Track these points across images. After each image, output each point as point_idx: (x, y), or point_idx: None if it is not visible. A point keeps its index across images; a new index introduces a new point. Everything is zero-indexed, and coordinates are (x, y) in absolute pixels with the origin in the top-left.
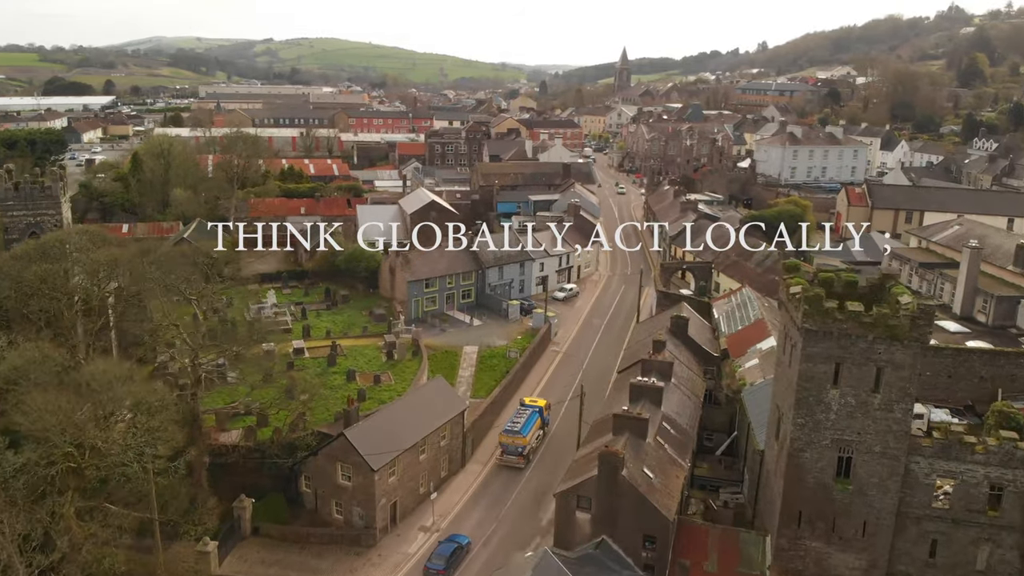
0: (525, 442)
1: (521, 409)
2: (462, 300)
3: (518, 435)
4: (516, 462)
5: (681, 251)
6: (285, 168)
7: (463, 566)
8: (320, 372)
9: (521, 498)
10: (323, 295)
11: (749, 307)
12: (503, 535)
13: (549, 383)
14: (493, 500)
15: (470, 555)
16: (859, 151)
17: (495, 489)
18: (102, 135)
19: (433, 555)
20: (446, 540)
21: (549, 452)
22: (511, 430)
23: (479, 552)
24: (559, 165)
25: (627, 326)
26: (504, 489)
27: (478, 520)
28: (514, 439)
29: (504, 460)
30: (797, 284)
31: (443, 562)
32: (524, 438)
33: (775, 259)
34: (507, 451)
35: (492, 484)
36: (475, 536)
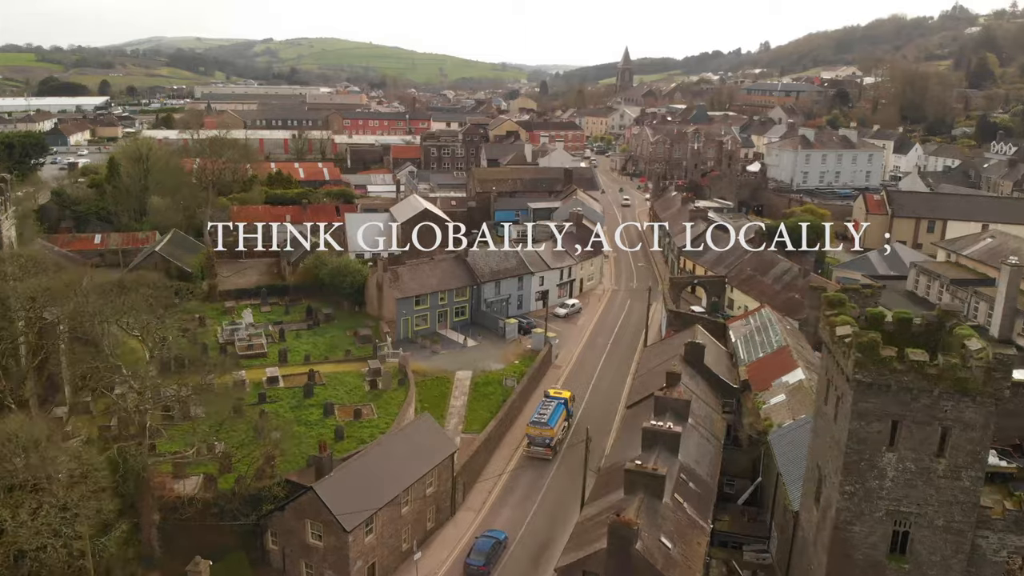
0: (552, 433)
1: (546, 401)
2: (455, 318)
3: (545, 427)
4: (544, 454)
5: (691, 263)
6: (273, 172)
7: (503, 563)
8: (295, 405)
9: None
10: (305, 313)
11: (770, 331)
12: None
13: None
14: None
15: (508, 550)
16: (874, 155)
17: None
18: (90, 137)
19: (472, 551)
20: (483, 535)
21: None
22: (538, 422)
23: (516, 547)
24: (560, 170)
25: (634, 345)
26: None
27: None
28: (541, 431)
29: (531, 452)
30: (844, 323)
31: (483, 558)
32: (551, 429)
33: (794, 275)
34: (534, 443)
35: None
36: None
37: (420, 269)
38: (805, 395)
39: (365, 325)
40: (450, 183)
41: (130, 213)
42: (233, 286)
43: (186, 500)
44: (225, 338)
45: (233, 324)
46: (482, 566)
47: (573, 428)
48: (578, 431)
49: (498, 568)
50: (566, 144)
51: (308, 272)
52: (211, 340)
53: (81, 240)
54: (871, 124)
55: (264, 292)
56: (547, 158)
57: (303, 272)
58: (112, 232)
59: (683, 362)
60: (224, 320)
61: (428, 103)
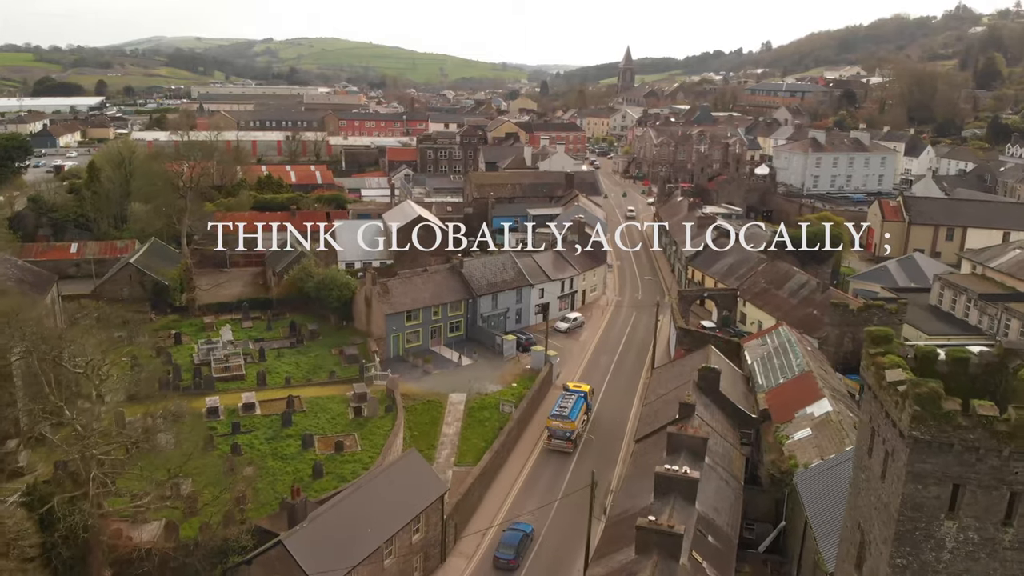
0: (573, 427)
1: (567, 394)
2: (450, 334)
3: (566, 420)
4: (564, 447)
5: (699, 274)
6: (263, 176)
7: (531, 556)
8: (271, 436)
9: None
10: (288, 330)
11: (790, 353)
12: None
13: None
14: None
15: (536, 543)
16: (887, 158)
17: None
18: (80, 139)
19: (500, 545)
20: (510, 528)
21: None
22: (559, 415)
23: (543, 540)
24: (561, 175)
25: (640, 363)
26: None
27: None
28: (563, 424)
29: (552, 445)
30: (893, 364)
31: (512, 551)
32: (572, 423)
33: (812, 289)
34: (555, 436)
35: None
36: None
37: (412, 282)
38: (833, 430)
39: (352, 342)
40: (447, 187)
41: (109, 220)
42: (214, 299)
43: (143, 552)
44: (200, 358)
45: (209, 343)
46: (512, 559)
47: (591, 422)
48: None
49: (527, 561)
50: (567, 146)
51: (293, 284)
52: (186, 360)
53: (57, 249)
54: (879, 125)
55: (246, 307)
56: (547, 161)
57: (288, 284)
58: (90, 240)
59: (696, 389)
60: (201, 337)
61: (427, 103)
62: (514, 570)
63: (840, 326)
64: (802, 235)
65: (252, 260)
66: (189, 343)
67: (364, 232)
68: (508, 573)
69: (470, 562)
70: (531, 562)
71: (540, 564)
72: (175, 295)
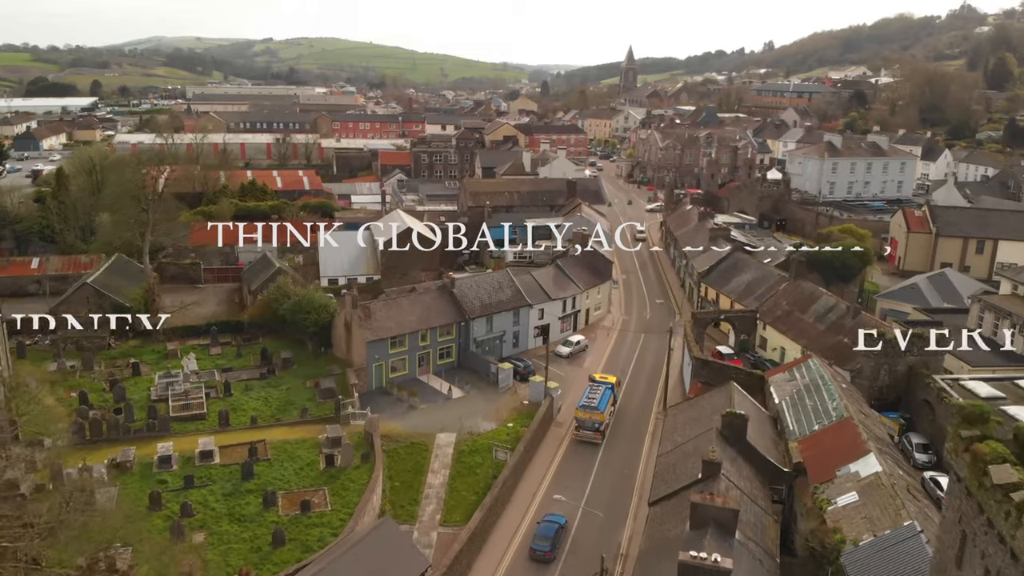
0: (603, 418)
1: (594, 385)
2: (439, 361)
3: (596, 411)
4: (593, 438)
5: (713, 292)
6: (247, 182)
7: (566, 547)
8: (230, 491)
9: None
10: (259, 358)
11: (824, 392)
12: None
13: (548, 502)
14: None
15: (570, 535)
16: (907, 163)
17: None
18: (66, 141)
19: (536, 537)
20: (544, 521)
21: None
22: (588, 405)
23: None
24: (562, 182)
25: (651, 395)
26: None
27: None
28: (591, 415)
29: (581, 435)
30: (997, 456)
31: (548, 543)
32: (601, 414)
33: (841, 314)
34: (583, 427)
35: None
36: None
37: (397, 304)
38: (885, 497)
39: (330, 372)
40: (441, 194)
41: (76, 232)
42: (181, 322)
43: None
44: (158, 393)
45: (168, 375)
46: (548, 551)
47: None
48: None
49: (562, 553)
50: (568, 150)
51: (267, 306)
52: (142, 395)
53: (16, 264)
54: (893, 128)
55: (214, 331)
56: (548, 167)
57: (262, 305)
58: (53, 255)
59: (720, 438)
60: (163, 366)
61: (426, 104)
62: (550, 562)
63: (876, 358)
64: (828, 253)
65: (229, 275)
66: (150, 373)
67: (349, 245)
68: (544, 565)
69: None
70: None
71: (574, 556)
72: (137, 318)
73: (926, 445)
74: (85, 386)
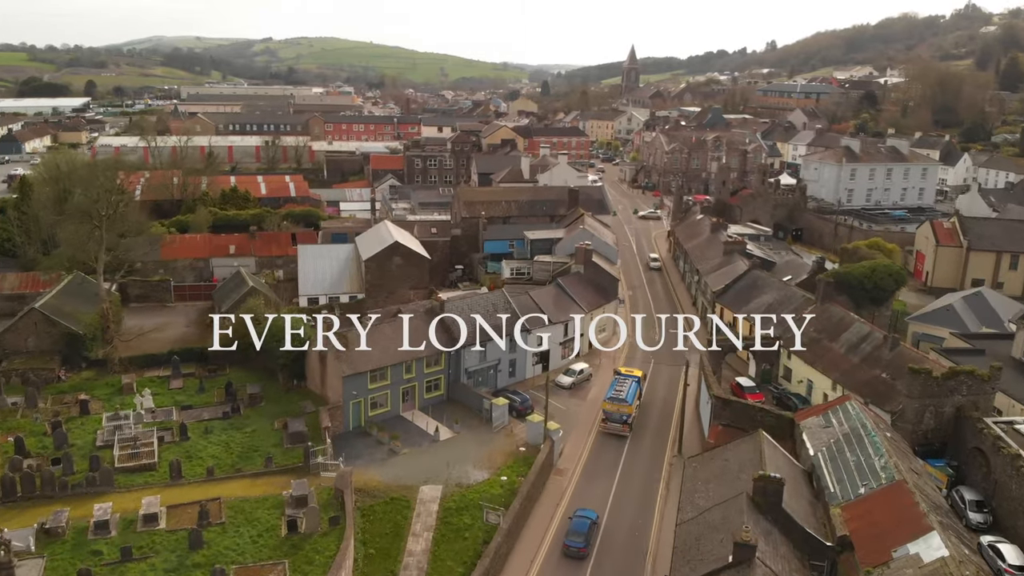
0: (631, 410)
1: (621, 378)
2: (426, 394)
3: (623, 403)
4: (621, 430)
5: (730, 314)
6: (229, 188)
7: (598, 542)
8: (173, 566)
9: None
10: (224, 392)
11: (867, 445)
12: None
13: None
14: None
15: (601, 529)
16: (929, 169)
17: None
18: (50, 143)
19: (569, 532)
20: (576, 516)
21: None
22: (616, 398)
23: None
24: (564, 190)
25: (664, 434)
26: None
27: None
28: (619, 407)
29: (608, 428)
30: None
31: (582, 539)
32: (630, 406)
33: (876, 344)
34: (611, 419)
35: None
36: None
37: (379, 331)
38: None
39: (302, 410)
40: (435, 201)
41: (38, 247)
42: (141, 350)
43: None
44: (104, 439)
45: (116, 417)
46: (582, 547)
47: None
48: None
49: (595, 548)
50: (569, 153)
51: (236, 331)
52: (88, 439)
53: None
54: (907, 130)
55: (176, 361)
56: (547, 174)
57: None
58: (10, 272)
59: (751, 505)
60: (116, 402)
61: (424, 104)
62: (584, 558)
63: (920, 398)
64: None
65: (202, 293)
66: (101, 411)
67: (331, 259)
68: (578, 562)
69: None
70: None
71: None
72: (90, 346)
73: (980, 502)
74: (24, 428)
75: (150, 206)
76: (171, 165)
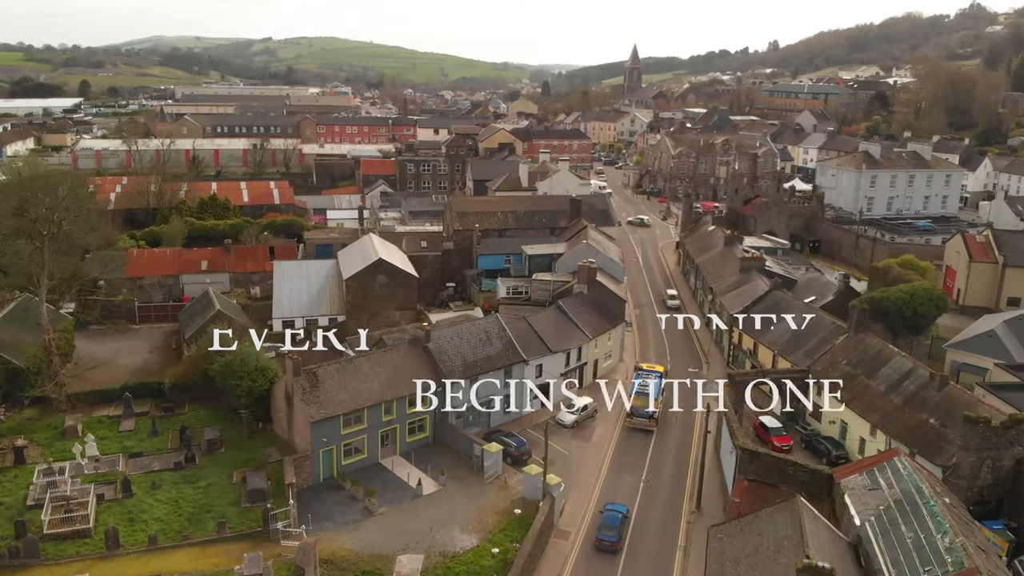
0: (657, 405)
1: (644, 373)
2: (409, 438)
3: (648, 398)
4: (647, 424)
5: (751, 341)
6: (208, 196)
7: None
8: None
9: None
10: (178, 438)
11: (926, 517)
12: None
13: None
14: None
15: (631, 522)
16: (953, 176)
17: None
18: (33, 146)
19: (601, 526)
20: (608, 509)
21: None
22: (641, 392)
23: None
24: (565, 200)
25: (680, 488)
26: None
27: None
28: (645, 402)
29: (634, 423)
30: None
31: (615, 533)
32: (656, 401)
33: (921, 383)
34: (637, 414)
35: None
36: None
37: (353, 368)
38: None
39: (266, 458)
40: (427, 210)
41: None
42: (92, 383)
43: None
44: (35, 496)
45: (50, 471)
46: (615, 541)
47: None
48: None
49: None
50: (571, 157)
51: (196, 363)
52: (19, 496)
53: None
54: (923, 133)
55: (128, 399)
56: (548, 181)
57: (191, 363)
58: None
59: None
60: (57, 448)
61: (423, 104)
62: (617, 552)
63: (978, 450)
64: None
65: (170, 314)
66: (39, 459)
67: (310, 277)
68: (611, 555)
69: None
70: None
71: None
72: (33, 381)
73: None
74: None
75: (123, 216)
76: (153, 170)
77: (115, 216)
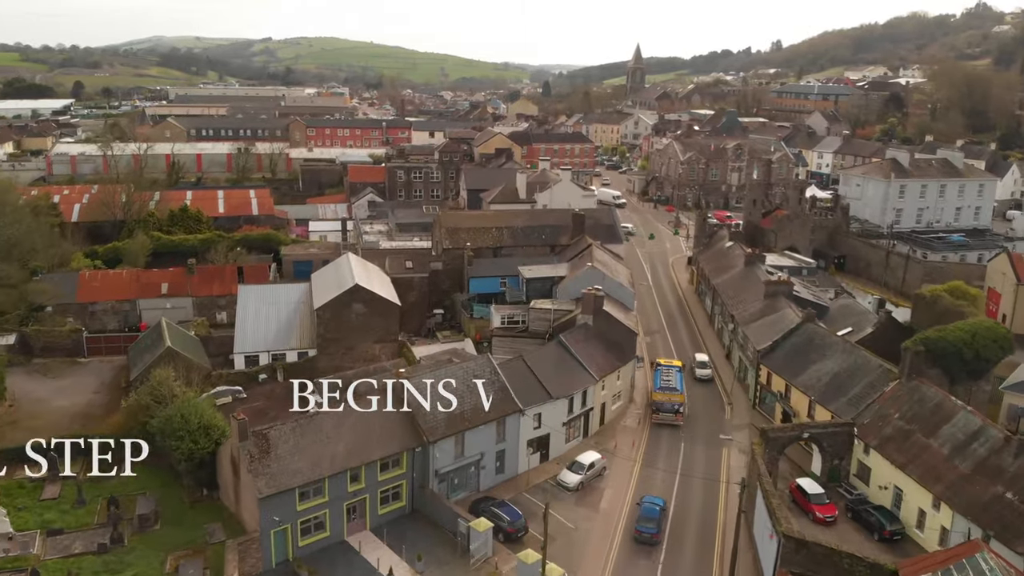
0: (682, 399)
1: (664, 368)
2: (381, 509)
3: (674, 391)
4: (674, 419)
5: (782, 382)
6: (180, 208)
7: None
8: None
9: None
10: (106, 511)
11: None
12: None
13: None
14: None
15: (668, 515)
16: (986, 185)
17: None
18: (12, 151)
19: (640, 519)
20: (646, 502)
21: None
22: (665, 387)
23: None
24: (567, 214)
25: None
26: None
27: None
28: (670, 396)
29: (660, 419)
30: None
31: (654, 525)
32: (680, 394)
33: (994, 445)
34: (662, 409)
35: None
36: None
37: (312, 428)
38: None
39: (207, 538)
40: (417, 222)
41: None
42: (20, 433)
43: None
44: None
45: None
46: (655, 533)
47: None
48: None
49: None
50: (573, 162)
51: (133, 415)
52: None
53: None
54: (943, 138)
55: (55, 458)
56: (547, 193)
57: (128, 414)
58: None
59: None
60: None
61: (421, 105)
62: (657, 544)
63: None
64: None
65: (122, 345)
66: None
67: (278, 303)
68: (651, 548)
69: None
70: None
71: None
72: None
73: None
74: None
75: (86, 229)
76: (128, 177)
77: (77, 230)
